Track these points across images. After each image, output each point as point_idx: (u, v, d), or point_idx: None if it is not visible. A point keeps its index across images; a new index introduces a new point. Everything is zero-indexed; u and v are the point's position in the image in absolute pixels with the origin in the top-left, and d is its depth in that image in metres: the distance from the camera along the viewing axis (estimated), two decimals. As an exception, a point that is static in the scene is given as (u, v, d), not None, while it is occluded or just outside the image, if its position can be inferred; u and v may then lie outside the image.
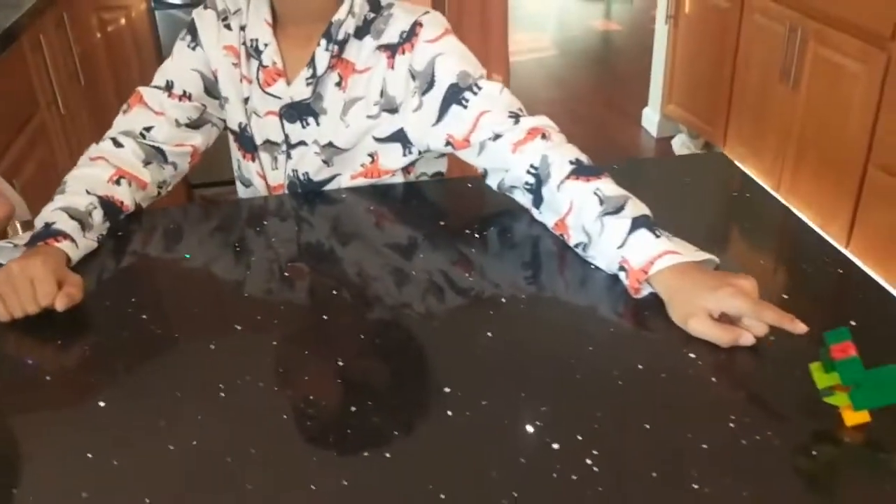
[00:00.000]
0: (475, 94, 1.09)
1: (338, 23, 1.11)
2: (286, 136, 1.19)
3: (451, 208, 1.24)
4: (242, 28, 1.16)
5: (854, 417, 0.74)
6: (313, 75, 1.13)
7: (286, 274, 1.04)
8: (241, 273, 1.05)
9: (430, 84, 1.10)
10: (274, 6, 1.15)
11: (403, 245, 1.10)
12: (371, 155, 1.20)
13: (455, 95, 1.10)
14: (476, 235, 1.10)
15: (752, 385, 0.84)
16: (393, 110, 1.15)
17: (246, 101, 1.19)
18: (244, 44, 1.16)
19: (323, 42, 1.11)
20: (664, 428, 0.76)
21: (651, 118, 3.78)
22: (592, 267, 1.00)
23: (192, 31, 1.20)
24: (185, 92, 1.18)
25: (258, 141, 1.22)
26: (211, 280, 1.05)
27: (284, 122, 1.18)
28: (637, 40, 5.02)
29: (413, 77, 1.12)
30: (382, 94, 1.14)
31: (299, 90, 1.15)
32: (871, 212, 2.49)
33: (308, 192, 1.23)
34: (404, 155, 1.20)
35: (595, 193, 0.97)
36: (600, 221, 0.96)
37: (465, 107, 1.09)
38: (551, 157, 1.03)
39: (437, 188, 1.29)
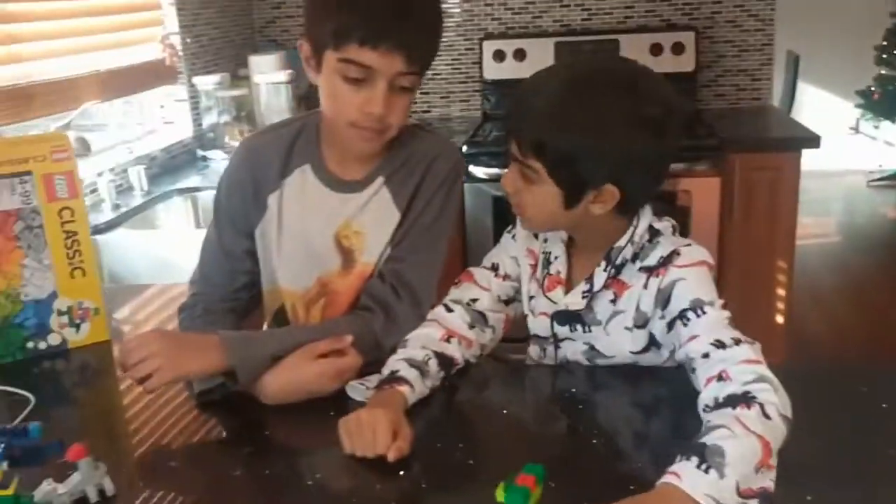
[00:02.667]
0: (698, 316, 1.16)
1: (618, 249, 1.24)
2: (554, 335, 1.33)
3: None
4: (545, 241, 1.33)
5: None
6: (589, 290, 1.26)
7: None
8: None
9: (666, 302, 1.20)
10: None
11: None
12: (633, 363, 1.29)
13: (682, 316, 1.17)
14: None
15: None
16: (643, 325, 1.25)
17: (530, 298, 1.35)
18: (542, 252, 1.33)
19: (602, 263, 1.25)
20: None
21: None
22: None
23: (513, 227, 1.39)
24: (506, 274, 1.38)
25: (530, 332, 1.38)
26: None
27: (555, 323, 1.32)
28: (935, 232, 4.78)
29: (657, 294, 1.22)
30: (637, 308, 1.24)
31: (574, 300, 1.28)
32: None
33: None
34: (660, 353, 1.28)
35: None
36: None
37: (686, 325, 1.16)
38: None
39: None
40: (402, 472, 1.04)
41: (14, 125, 2.27)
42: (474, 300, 1.35)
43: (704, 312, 1.15)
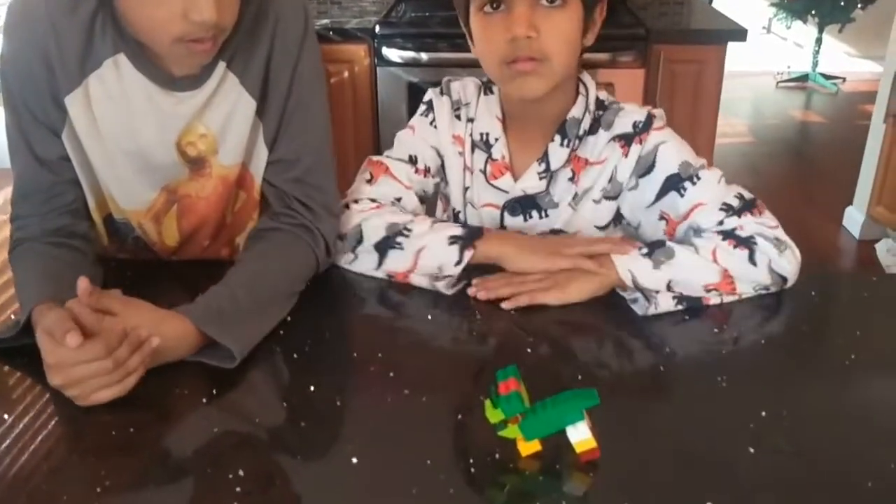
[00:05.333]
0: (694, 183, 1.09)
1: (573, 120, 1.13)
2: (503, 229, 1.19)
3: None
4: (470, 120, 1.19)
5: (527, 448, 0.78)
6: (546, 170, 1.14)
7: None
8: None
9: (650, 169, 1.11)
10: (503, 104, 1.17)
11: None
12: None
13: (675, 184, 1.10)
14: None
15: (436, 425, 0.85)
16: (615, 196, 1.15)
17: (465, 190, 1.21)
18: (471, 135, 1.19)
19: (557, 138, 1.13)
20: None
21: (855, 218, 3.43)
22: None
23: (431, 110, 1.22)
24: (426, 167, 1.21)
25: None
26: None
27: (506, 214, 1.19)
28: (841, 135, 4.66)
29: (636, 161, 1.13)
30: (611, 180, 1.14)
31: (531, 183, 1.15)
32: None
33: None
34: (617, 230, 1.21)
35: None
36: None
37: (682, 195, 1.10)
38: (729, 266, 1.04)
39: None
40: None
41: None
42: (398, 199, 1.17)
43: (699, 178, 1.09)
